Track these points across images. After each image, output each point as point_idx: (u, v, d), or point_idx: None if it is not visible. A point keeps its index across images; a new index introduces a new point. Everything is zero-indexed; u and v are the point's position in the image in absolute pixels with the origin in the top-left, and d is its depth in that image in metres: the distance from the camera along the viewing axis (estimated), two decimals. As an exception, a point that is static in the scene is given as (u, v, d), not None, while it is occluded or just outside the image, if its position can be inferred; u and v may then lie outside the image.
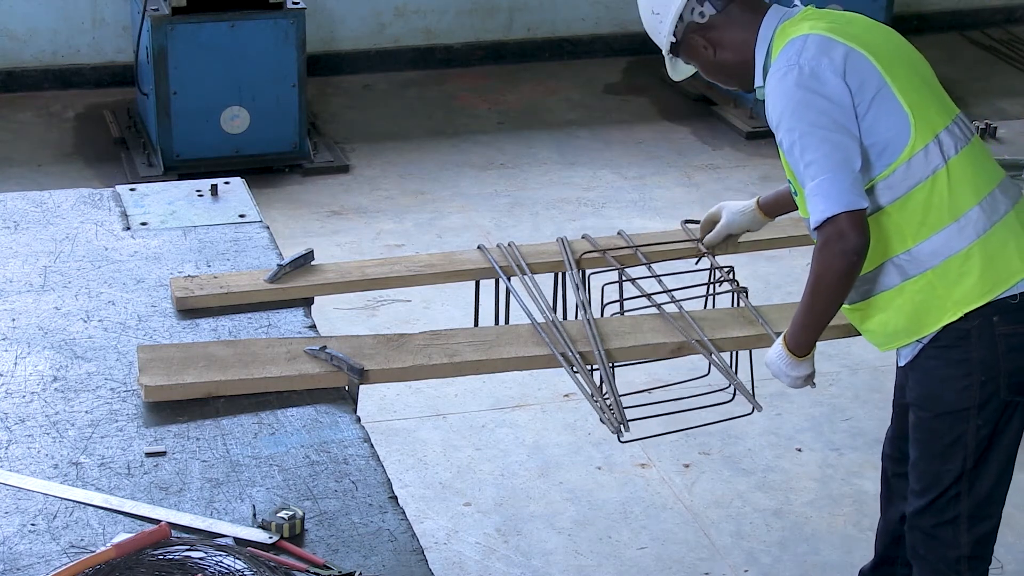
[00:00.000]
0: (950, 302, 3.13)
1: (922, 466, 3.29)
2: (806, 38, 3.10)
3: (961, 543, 3.28)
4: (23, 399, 3.12)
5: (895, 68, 3.12)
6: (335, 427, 3.04)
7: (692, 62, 3.32)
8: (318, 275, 3.66)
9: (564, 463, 4.76)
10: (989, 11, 8.94)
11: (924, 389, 3.23)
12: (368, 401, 4.61)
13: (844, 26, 3.16)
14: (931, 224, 3.11)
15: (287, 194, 6.61)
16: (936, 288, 3.14)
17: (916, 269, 3.14)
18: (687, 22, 3.24)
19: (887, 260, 3.16)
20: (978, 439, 3.20)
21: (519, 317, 3.58)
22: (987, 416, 3.19)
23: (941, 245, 3.12)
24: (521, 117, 7.56)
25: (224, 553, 2.56)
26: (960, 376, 3.17)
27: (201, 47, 6.49)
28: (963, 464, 3.22)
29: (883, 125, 3.08)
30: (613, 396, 3.25)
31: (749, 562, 4.33)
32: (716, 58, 3.25)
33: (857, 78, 3.07)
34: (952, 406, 3.19)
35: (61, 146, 7.01)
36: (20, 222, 3.93)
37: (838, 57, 3.07)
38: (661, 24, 3.27)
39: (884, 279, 3.18)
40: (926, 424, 3.26)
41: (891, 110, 3.08)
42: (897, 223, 3.12)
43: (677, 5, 3.23)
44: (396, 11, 8.00)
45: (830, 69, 3.06)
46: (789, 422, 4.97)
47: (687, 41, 3.26)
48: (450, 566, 4.26)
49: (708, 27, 3.23)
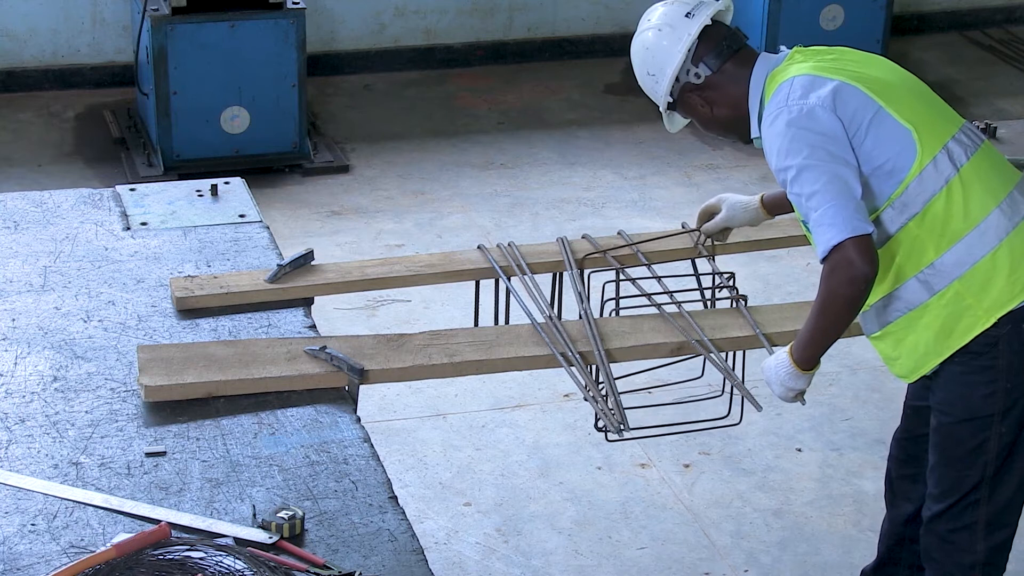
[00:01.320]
0: (981, 310, 3.11)
1: (941, 471, 3.27)
2: (792, 81, 3.13)
3: (977, 549, 3.27)
4: (23, 399, 3.12)
5: (887, 92, 3.13)
6: (335, 427, 3.04)
7: (689, 117, 3.36)
8: (318, 275, 3.66)
9: (564, 463, 4.76)
10: (989, 11, 8.93)
11: (947, 394, 3.21)
12: (368, 401, 4.61)
13: (830, 62, 3.18)
14: (951, 234, 3.10)
15: (287, 194, 6.61)
16: (964, 298, 3.11)
17: (942, 282, 3.11)
18: (683, 83, 3.27)
19: (911, 278, 3.14)
20: (1000, 446, 3.18)
21: (519, 317, 3.58)
22: (1011, 423, 3.17)
23: (964, 253, 3.09)
24: (521, 117, 7.56)
25: (224, 553, 2.56)
26: (985, 382, 3.15)
27: (201, 47, 6.49)
28: (984, 471, 3.20)
29: (886, 146, 3.08)
30: (613, 396, 3.25)
31: (749, 562, 4.33)
32: (713, 115, 3.29)
33: (848, 109, 3.08)
34: (976, 412, 3.17)
35: (61, 146, 7.01)
36: (20, 222, 3.93)
37: (825, 93, 3.09)
38: (657, 85, 3.31)
39: (910, 297, 3.15)
40: (948, 429, 3.23)
41: (891, 130, 3.09)
42: (919, 238, 3.10)
43: (672, 68, 3.27)
44: (396, 11, 8.00)
45: (819, 106, 3.08)
46: (789, 422, 4.97)
47: (684, 100, 3.31)
48: (450, 566, 4.26)
49: (704, 87, 3.26)
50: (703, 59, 3.25)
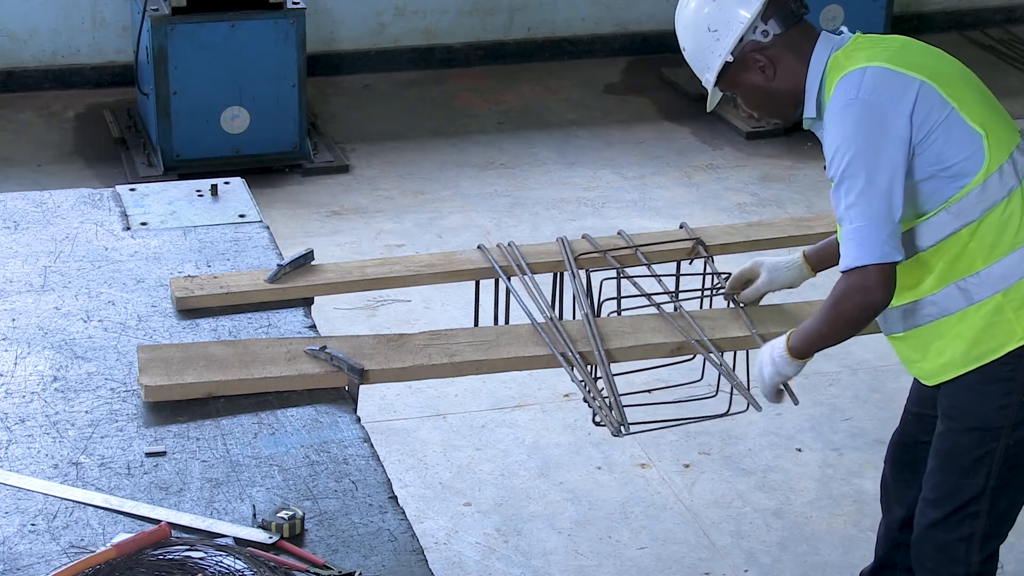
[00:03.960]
0: (1019, 326, 3.02)
1: (941, 476, 3.20)
2: (865, 71, 2.97)
3: (972, 561, 3.20)
4: (23, 399, 3.12)
5: (961, 91, 3.01)
6: (335, 427, 3.04)
7: (737, 89, 3.15)
8: (318, 275, 3.66)
9: (564, 463, 4.76)
10: (989, 11, 8.93)
11: (958, 400, 3.13)
12: (368, 401, 4.61)
13: (901, 54, 3.03)
14: (1004, 246, 3.01)
15: (287, 194, 6.61)
16: (1004, 311, 3.02)
17: (984, 292, 3.03)
18: (745, 41, 3.08)
19: (952, 284, 3.05)
20: (1006, 457, 3.11)
21: (519, 317, 3.58)
22: (1020, 436, 3.09)
23: (1013, 267, 3.01)
24: (521, 117, 7.56)
25: (224, 553, 2.56)
26: (1000, 394, 3.07)
27: (201, 47, 6.49)
28: (987, 481, 3.13)
29: (954, 149, 2.97)
30: (612, 395, 3.25)
31: (749, 562, 4.33)
32: (772, 83, 3.10)
33: (923, 109, 2.95)
34: (985, 422, 3.10)
35: (61, 146, 7.01)
36: (20, 222, 3.93)
37: (899, 89, 2.95)
38: (717, 43, 3.08)
39: (947, 304, 3.06)
40: (953, 436, 3.16)
41: (962, 134, 2.97)
42: (968, 246, 3.02)
43: (747, 18, 3.06)
44: (396, 11, 8.00)
45: (891, 102, 2.94)
46: (789, 422, 4.97)
47: (744, 61, 3.09)
48: (450, 566, 4.26)
49: (769, 46, 3.07)
50: (772, 17, 3.06)
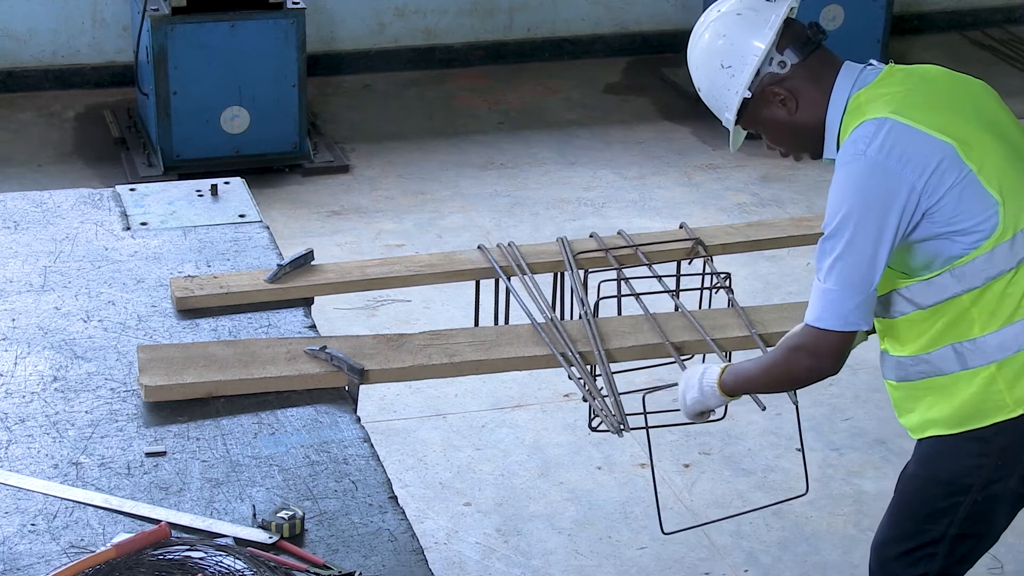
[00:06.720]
0: (1010, 399, 2.88)
1: (901, 516, 3.08)
2: (883, 124, 2.81)
3: None
4: (23, 399, 3.12)
5: (985, 148, 2.84)
6: (335, 427, 3.04)
7: (759, 126, 3.01)
8: (318, 275, 3.66)
9: (564, 463, 4.76)
10: (989, 11, 8.93)
11: (931, 450, 3.00)
12: (368, 401, 4.61)
13: (924, 98, 2.89)
14: (1002, 316, 2.87)
15: (287, 194, 6.61)
16: (996, 382, 2.89)
17: (978, 360, 2.89)
18: (762, 75, 2.92)
19: (947, 345, 2.91)
20: (972, 512, 2.97)
21: (519, 317, 3.58)
22: (989, 494, 2.95)
23: (1011, 339, 2.87)
24: (521, 117, 7.56)
25: (224, 553, 2.56)
26: (976, 453, 2.93)
27: (201, 47, 6.49)
28: (947, 529, 2.99)
29: (966, 213, 2.81)
30: (612, 396, 3.25)
31: (749, 562, 4.32)
32: (794, 116, 2.94)
33: (936, 175, 2.79)
34: (956, 477, 2.96)
35: (61, 146, 7.01)
36: (20, 222, 3.93)
37: (920, 153, 2.79)
38: (733, 79, 2.94)
39: (941, 364, 2.93)
40: (920, 483, 3.03)
41: (976, 196, 2.81)
42: (968, 312, 2.88)
43: (760, 52, 2.91)
44: (396, 11, 8.00)
45: (902, 167, 2.78)
46: (789, 422, 4.96)
47: (762, 97, 2.94)
48: (450, 566, 4.26)
49: (788, 77, 2.92)
50: (788, 46, 2.91)
